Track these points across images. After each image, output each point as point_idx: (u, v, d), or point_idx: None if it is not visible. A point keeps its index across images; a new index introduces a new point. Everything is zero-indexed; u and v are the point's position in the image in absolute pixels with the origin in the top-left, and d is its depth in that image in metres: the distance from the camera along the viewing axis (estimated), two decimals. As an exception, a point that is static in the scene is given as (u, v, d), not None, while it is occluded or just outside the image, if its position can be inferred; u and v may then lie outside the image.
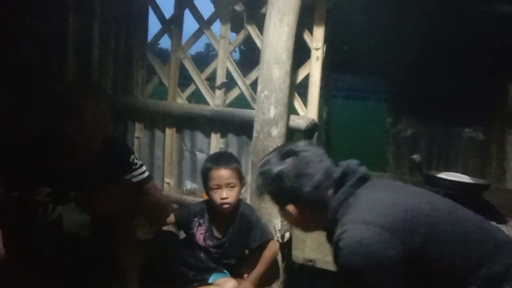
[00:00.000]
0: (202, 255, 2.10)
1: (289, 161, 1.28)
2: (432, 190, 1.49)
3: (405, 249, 1.12)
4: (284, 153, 1.30)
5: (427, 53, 2.44)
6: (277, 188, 1.29)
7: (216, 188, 2.02)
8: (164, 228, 2.18)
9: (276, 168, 1.28)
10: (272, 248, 2.09)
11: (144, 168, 1.75)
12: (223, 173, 2.01)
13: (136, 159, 1.72)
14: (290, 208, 1.30)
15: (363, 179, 1.29)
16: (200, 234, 2.12)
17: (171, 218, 2.17)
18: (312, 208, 1.29)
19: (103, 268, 1.61)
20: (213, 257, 2.10)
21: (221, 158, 2.14)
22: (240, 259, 2.16)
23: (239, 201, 2.13)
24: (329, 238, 1.33)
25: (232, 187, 2.02)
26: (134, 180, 1.66)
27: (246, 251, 2.16)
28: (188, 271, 2.01)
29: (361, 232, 1.14)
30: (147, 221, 1.63)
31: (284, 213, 1.36)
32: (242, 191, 2.12)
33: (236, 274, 2.14)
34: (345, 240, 1.15)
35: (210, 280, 2.00)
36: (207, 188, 2.07)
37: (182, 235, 2.27)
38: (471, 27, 2.32)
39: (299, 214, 1.30)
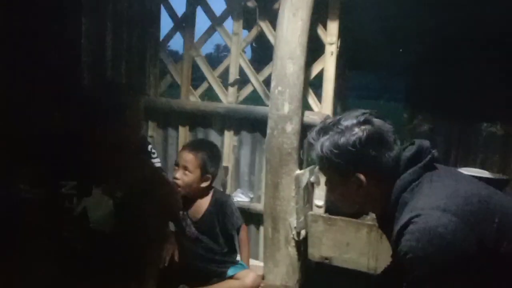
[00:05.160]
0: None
1: (367, 128, 1.17)
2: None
3: (479, 243, 1.07)
4: (360, 120, 1.18)
5: (444, 47, 2.39)
6: (355, 153, 1.16)
7: (175, 166, 2.08)
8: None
9: (357, 132, 1.16)
10: (245, 231, 2.14)
11: (158, 159, 1.79)
12: (183, 155, 2.07)
13: (154, 149, 1.76)
14: (359, 177, 1.18)
15: (434, 163, 1.21)
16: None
17: None
18: (382, 181, 1.19)
19: (129, 262, 1.61)
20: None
21: (193, 143, 2.24)
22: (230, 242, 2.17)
23: (213, 190, 2.14)
24: (385, 222, 1.25)
25: (187, 171, 2.02)
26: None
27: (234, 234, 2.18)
28: (201, 264, 2.01)
29: (438, 219, 1.07)
30: (160, 211, 1.62)
31: (339, 187, 1.24)
32: (204, 184, 2.08)
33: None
34: (419, 224, 1.07)
35: (229, 273, 1.99)
36: None
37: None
38: (491, 20, 2.26)
39: (364, 187, 1.19)
